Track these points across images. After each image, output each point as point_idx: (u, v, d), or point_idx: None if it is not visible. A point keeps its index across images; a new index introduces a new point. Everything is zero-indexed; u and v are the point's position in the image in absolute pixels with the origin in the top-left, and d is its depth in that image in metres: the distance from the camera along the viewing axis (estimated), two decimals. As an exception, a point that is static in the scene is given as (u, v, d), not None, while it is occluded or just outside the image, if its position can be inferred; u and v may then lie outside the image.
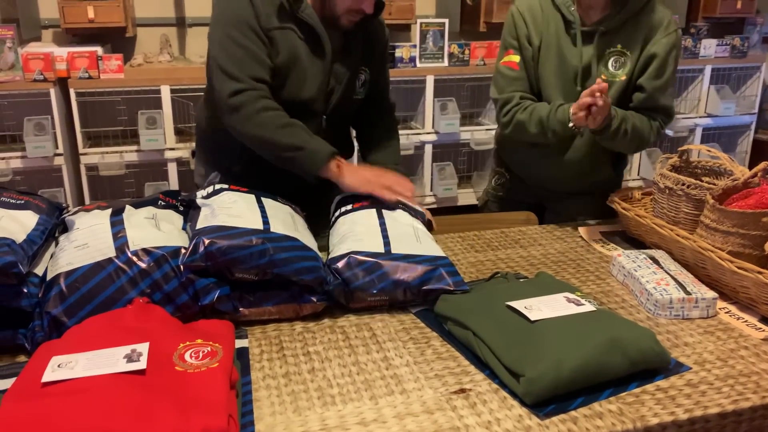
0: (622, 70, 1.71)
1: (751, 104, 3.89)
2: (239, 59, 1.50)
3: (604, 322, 1.14)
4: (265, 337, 1.20)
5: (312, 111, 1.63)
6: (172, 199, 1.45)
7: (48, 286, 1.14)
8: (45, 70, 2.80)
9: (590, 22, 1.70)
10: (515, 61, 1.74)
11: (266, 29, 1.52)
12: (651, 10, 1.69)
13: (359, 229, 1.39)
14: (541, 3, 1.74)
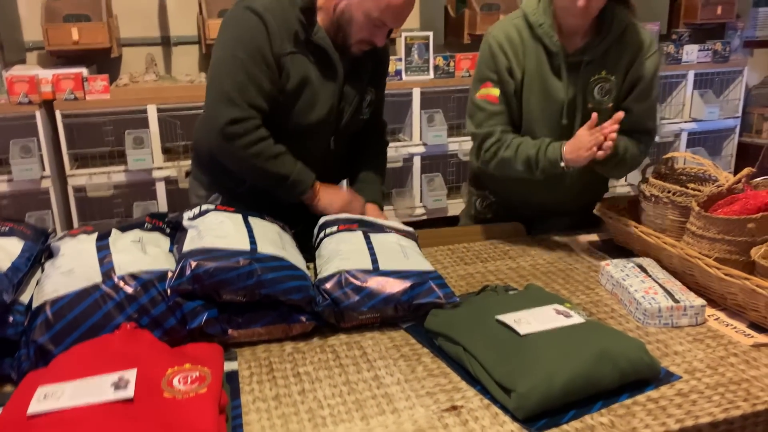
0: (608, 96, 1.66)
1: (735, 108, 3.93)
2: (242, 84, 1.49)
3: (594, 333, 1.14)
4: (255, 358, 1.19)
5: (321, 132, 1.64)
6: (159, 221, 1.44)
7: (34, 314, 1.13)
8: (30, 93, 2.79)
9: (573, 49, 1.62)
10: (494, 95, 1.64)
11: (278, 55, 1.51)
12: (632, 32, 1.64)
13: (346, 248, 1.39)
14: (519, 32, 1.64)
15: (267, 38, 1.49)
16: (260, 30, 1.48)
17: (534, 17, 1.61)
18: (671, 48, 3.65)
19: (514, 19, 1.67)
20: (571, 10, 1.53)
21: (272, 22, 1.49)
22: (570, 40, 1.62)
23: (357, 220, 1.52)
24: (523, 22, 1.64)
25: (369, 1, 1.47)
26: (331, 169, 1.70)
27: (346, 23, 1.52)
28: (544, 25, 1.60)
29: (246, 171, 1.58)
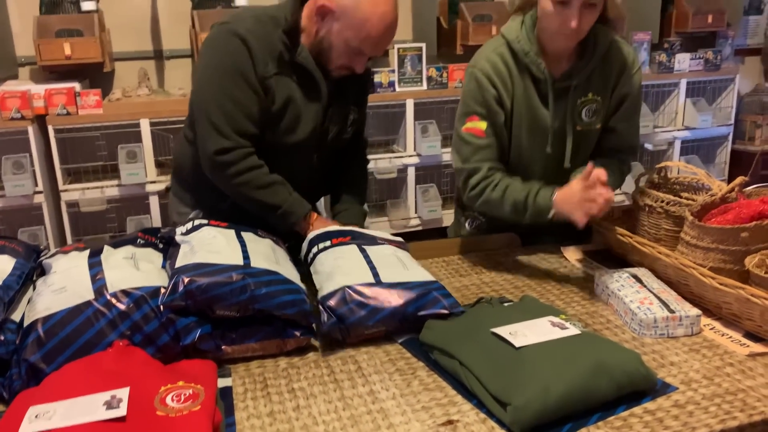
0: (596, 117, 1.65)
1: (728, 115, 3.95)
2: (230, 113, 1.49)
3: (590, 345, 1.14)
4: (249, 374, 1.18)
5: (305, 151, 1.64)
6: (152, 237, 1.43)
7: (25, 333, 1.12)
8: (22, 108, 2.78)
9: (559, 73, 1.59)
10: (481, 128, 1.58)
11: (262, 78, 1.51)
12: (615, 51, 1.62)
13: (344, 263, 1.37)
14: (505, 61, 1.59)
15: (251, 62, 1.49)
16: (244, 54, 1.48)
17: (519, 45, 1.57)
18: (663, 57, 3.67)
19: (498, 47, 1.60)
20: (562, 32, 1.49)
21: (255, 45, 1.49)
22: (556, 64, 1.59)
23: (349, 232, 1.51)
24: (507, 50, 1.59)
25: (349, 30, 1.48)
26: (314, 186, 1.70)
27: (326, 49, 1.53)
28: (530, 53, 1.56)
29: (237, 198, 1.59)
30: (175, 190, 1.80)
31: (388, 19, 1.49)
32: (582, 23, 1.46)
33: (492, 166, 1.59)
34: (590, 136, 1.63)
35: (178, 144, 1.79)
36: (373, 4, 1.46)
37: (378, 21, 1.47)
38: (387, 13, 1.48)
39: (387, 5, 1.48)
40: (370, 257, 1.40)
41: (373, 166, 3.33)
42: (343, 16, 1.47)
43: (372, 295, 1.27)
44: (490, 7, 3.51)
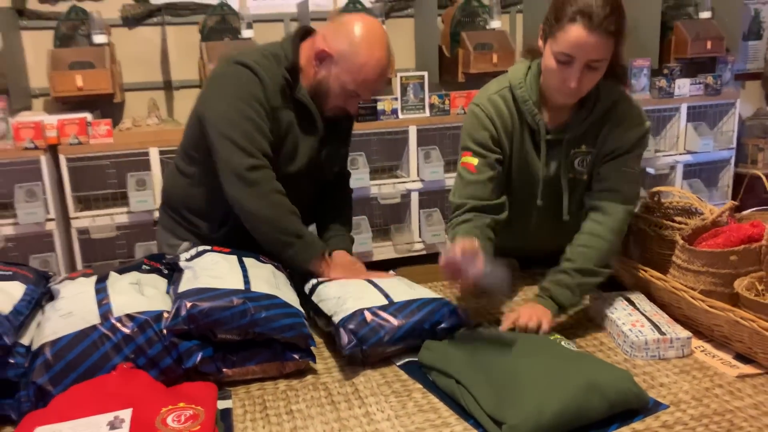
0: (587, 168, 1.61)
1: (729, 139, 3.98)
2: (251, 134, 1.52)
3: (582, 365, 1.17)
4: (249, 396, 1.22)
5: (300, 182, 1.68)
6: (157, 263, 1.48)
7: (34, 356, 1.16)
8: (35, 138, 2.86)
9: (556, 123, 1.57)
10: (473, 164, 1.58)
11: (272, 107, 1.56)
12: (619, 109, 1.56)
13: (353, 289, 1.42)
14: (507, 104, 1.58)
15: (261, 88, 1.55)
16: (254, 81, 1.54)
17: (520, 92, 1.55)
18: (663, 82, 3.72)
19: (502, 89, 1.60)
20: (562, 90, 1.46)
21: (264, 76, 1.55)
22: (555, 114, 1.56)
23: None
24: (509, 94, 1.58)
25: (346, 75, 1.54)
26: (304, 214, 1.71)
27: (323, 92, 1.59)
28: (528, 102, 1.54)
29: (259, 224, 1.54)
30: (164, 222, 1.82)
31: (383, 63, 1.56)
32: (583, 83, 1.43)
33: (475, 206, 1.56)
34: (581, 186, 1.62)
35: (169, 176, 1.82)
36: (370, 49, 1.53)
37: (374, 66, 1.54)
38: (382, 59, 1.55)
39: (381, 50, 1.55)
40: (376, 282, 1.46)
41: (377, 191, 3.38)
42: (341, 60, 1.54)
43: (389, 315, 1.32)
44: (491, 36, 3.58)
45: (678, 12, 3.97)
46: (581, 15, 1.35)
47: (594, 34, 1.35)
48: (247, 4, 3.52)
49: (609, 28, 1.35)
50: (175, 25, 3.40)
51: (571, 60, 1.39)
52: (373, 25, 1.56)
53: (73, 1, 3.25)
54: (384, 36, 1.57)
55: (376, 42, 1.54)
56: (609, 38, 1.37)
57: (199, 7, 3.41)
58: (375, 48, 1.53)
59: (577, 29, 1.36)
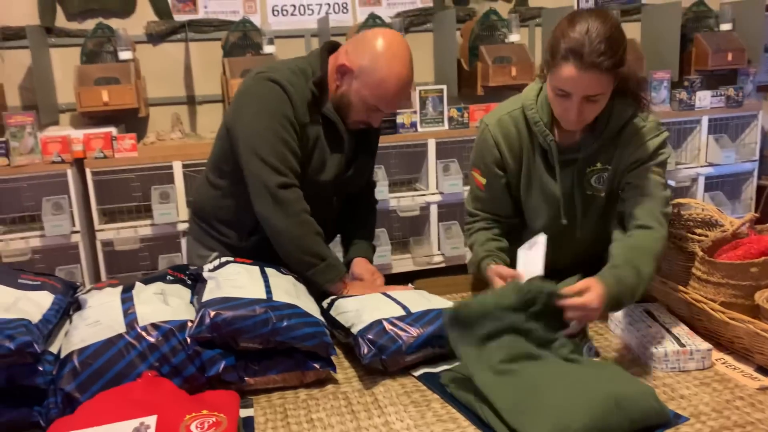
0: (604, 185, 1.58)
1: (752, 151, 3.94)
2: (281, 152, 1.55)
3: (607, 378, 1.17)
4: (270, 405, 1.24)
5: (327, 194, 1.72)
6: (180, 274, 1.51)
7: (62, 364, 1.20)
8: (62, 152, 2.93)
9: (569, 143, 1.55)
10: (481, 182, 1.64)
11: (301, 123, 1.59)
12: (633, 127, 1.53)
13: (370, 302, 1.45)
14: (517, 125, 1.58)
15: (291, 106, 1.57)
16: (284, 99, 1.56)
17: (531, 112, 1.55)
18: (683, 94, 3.71)
19: (513, 109, 1.59)
20: (564, 120, 1.46)
21: (293, 92, 1.57)
22: (567, 134, 1.55)
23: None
24: (521, 115, 1.58)
25: (366, 89, 1.55)
26: (330, 228, 1.77)
27: (345, 105, 1.61)
28: (539, 123, 1.53)
29: (284, 241, 1.58)
30: (195, 234, 1.85)
31: (403, 78, 1.55)
32: (584, 114, 1.42)
33: (485, 218, 1.68)
34: (597, 202, 1.60)
35: (200, 187, 1.85)
36: (389, 65, 1.53)
37: (394, 81, 1.54)
38: (402, 73, 1.55)
39: (402, 66, 1.55)
40: (392, 295, 1.49)
41: (396, 204, 3.40)
42: (361, 75, 1.55)
43: (407, 325, 1.34)
44: (509, 49, 3.60)
45: (698, 24, 3.96)
46: (572, 54, 1.33)
47: (586, 74, 1.33)
48: (269, 20, 3.58)
49: (602, 65, 1.32)
50: (198, 41, 3.47)
51: (567, 94, 1.39)
52: (395, 40, 1.56)
53: (100, 18, 3.34)
54: (406, 51, 1.57)
55: (397, 57, 1.54)
56: (603, 74, 1.34)
57: (222, 24, 3.48)
58: (395, 63, 1.54)
59: (568, 68, 1.34)
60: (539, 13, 3.87)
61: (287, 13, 3.62)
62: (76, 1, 3.32)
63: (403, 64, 1.55)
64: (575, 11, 1.42)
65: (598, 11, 1.38)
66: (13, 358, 1.15)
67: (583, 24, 1.34)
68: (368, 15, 3.55)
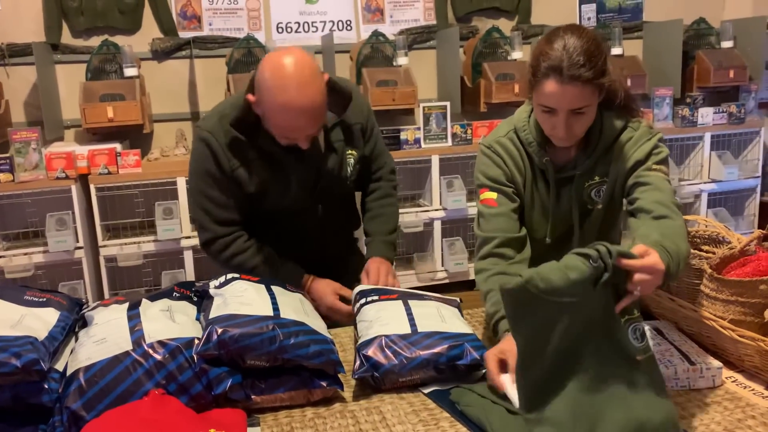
0: (602, 197, 1.58)
1: (755, 168, 3.95)
2: (207, 209, 1.66)
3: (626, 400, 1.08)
4: (277, 424, 1.23)
5: (303, 207, 1.72)
6: (186, 290, 1.51)
7: (68, 381, 1.19)
8: (67, 168, 2.93)
9: (564, 160, 1.56)
10: (492, 198, 1.57)
11: (229, 171, 1.62)
12: (626, 137, 1.53)
13: (385, 315, 1.45)
14: (515, 146, 1.58)
15: (214, 161, 1.61)
16: (206, 155, 1.62)
17: (524, 134, 1.56)
18: (686, 111, 3.72)
19: (508, 132, 1.60)
20: (554, 137, 1.47)
21: (215, 142, 1.60)
22: (562, 152, 1.55)
23: (396, 291, 1.59)
24: (515, 136, 1.59)
25: (267, 119, 1.54)
26: (331, 231, 1.79)
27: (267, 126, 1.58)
28: (533, 144, 1.54)
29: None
30: None
31: (292, 106, 1.46)
32: (573, 129, 1.42)
33: (502, 240, 1.53)
34: (594, 215, 1.60)
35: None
36: (274, 94, 1.46)
37: (280, 110, 1.48)
38: (289, 102, 1.45)
39: (290, 93, 1.45)
40: (412, 310, 1.47)
41: (400, 220, 3.38)
42: (259, 106, 1.53)
43: (406, 345, 1.33)
44: (512, 66, 3.62)
45: (700, 41, 3.99)
46: (552, 70, 1.35)
47: (568, 87, 1.35)
48: (273, 37, 3.61)
49: (583, 76, 1.34)
50: (202, 58, 3.50)
51: (553, 110, 1.40)
52: (282, 64, 1.46)
53: (105, 35, 3.36)
54: (298, 74, 1.45)
55: (285, 84, 1.45)
56: (585, 86, 1.35)
57: (227, 41, 3.51)
58: (280, 91, 1.45)
59: (550, 84, 1.36)
60: (542, 31, 3.90)
61: (291, 30, 3.64)
62: (82, 19, 3.35)
63: (290, 91, 1.45)
64: (552, 30, 1.44)
65: (573, 26, 1.41)
66: (20, 376, 1.15)
67: (560, 41, 1.37)
68: (372, 32, 3.58)
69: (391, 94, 3.34)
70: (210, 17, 3.52)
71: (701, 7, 4.13)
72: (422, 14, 3.80)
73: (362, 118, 1.79)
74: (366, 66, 3.51)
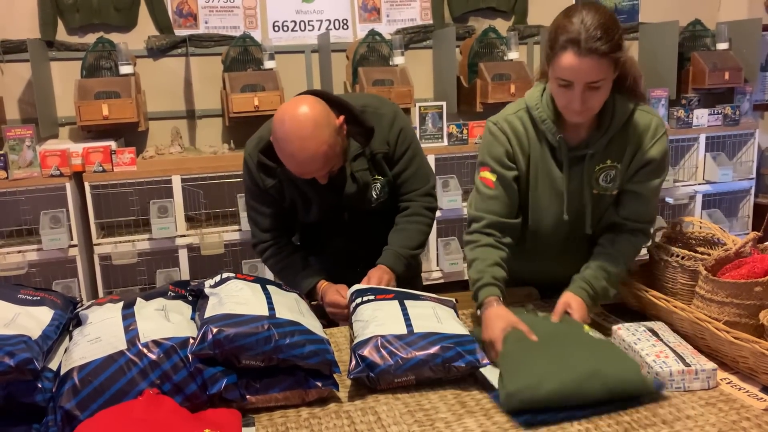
0: (613, 183, 1.63)
1: (749, 169, 3.96)
2: (252, 218, 1.90)
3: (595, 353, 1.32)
4: (272, 424, 1.22)
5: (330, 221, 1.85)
6: (182, 289, 1.50)
7: (61, 381, 1.18)
8: (61, 166, 2.92)
9: (576, 141, 1.59)
10: (491, 179, 1.63)
11: (265, 189, 1.80)
12: (635, 120, 1.59)
13: (381, 315, 1.44)
14: (523, 124, 1.62)
15: (252, 180, 1.82)
16: (248, 174, 1.83)
17: (537, 112, 1.60)
18: (681, 112, 3.73)
19: (519, 111, 1.64)
20: (569, 111, 1.51)
21: (252, 164, 1.79)
22: (574, 132, 1.59)
23: (392, 291, 1.59)
24: (526, 115, 1.62)
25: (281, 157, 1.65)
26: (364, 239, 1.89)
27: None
28: (546, 121, 1.58)
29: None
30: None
31: (295, 158, 1.60)
32: (588, 103, 1.46)
33: (491, 222, 1.61)
34: (606, 200, 1.64)
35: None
36: (280, 147, 1.62)
37: (286, 160, 1.63)
38: (293, 154, 1.59)
39: (293, 145, 1.58)
40: (408, 310, 1.47)
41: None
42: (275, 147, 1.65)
43: (402, 345, 1.33)
44: (508, 66, 3.62)
45: (695, 43, 4.00)
46: (570, 43, 1.41)
47: (585, 59, 1.40)
48: (269, 35, 3.60)
49: (600, 49, 1.39)
50: (198, 56, 3.48)
51: (570, 84, 1.44)
52: (285, 119, 1.58)
53: (101, 32, 3.35)
54: (300, 128, 1.57)
55: (288, 138, 1.58)
56: (602, 59, 1.40)
57: (223, 39, 3.49)
58: (286, 144, 1.59)
59: (568, 57, 1.41)
60: (538, 31, 3.90)
61: (288, 28, 3.64)
62: (77, 16, 3.33)
63: (294, 142, 1.58)
64: (569, 6, 1.49)
65: (590, 3, 1.47)
66: (13, 375, 1.14)
67: (578, 15, 1.42)
68: (368, 31, 3.57)
69: (387, 93, 3.34)
70: (206, 15, 3.51)
71: (697, 8, 4.14)
72: (419, 14, 3.80)
73: (386, 147, 1.80)
74: (362, 65, 3.51)
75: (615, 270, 1.60)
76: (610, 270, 1.59)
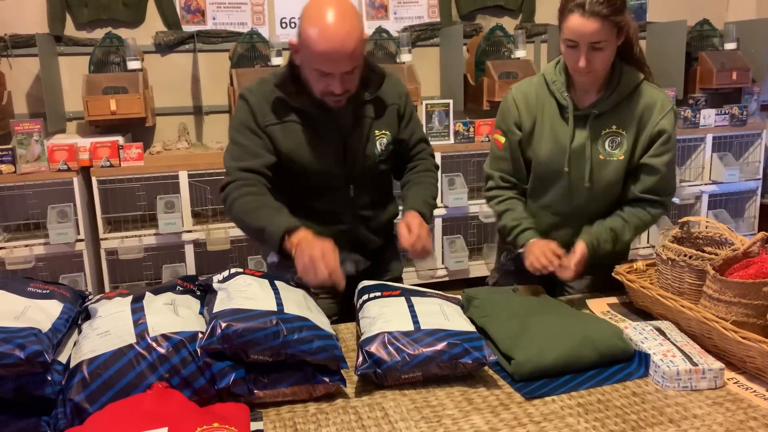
0: (619, 149, 1.76)
1: (756, 170, 3.96)
2: (235, 155, 1.70)
3: (581, 322, 1.48)
4: (280, 419, 1.23)
5: (334, 183, 1.74)
6: (190, 284, 1.50)
7: (71, 374, 1.19)
8: (69, 160, 2.93)
9: (585, 104, 1.76)
10: (501, 141, 1.86)
11: (264, 126, 1.69)
12: (643, 92, 1.75)
13: (388, 311, 1.44)
14: (536, 89, 1.81)
15: (250, 113, 1.69)
16: (245, 109, 1.70)
17: (550, 75, 1.80)
18: (688, 112, 3.72)
19: (535, 78, 1.86)
20: (576, 70, 1.68)
21: (253, 99, 1.69)
22: (583, 96, 1.77)
23: (398, 288, 1.59)
24: (541, 80, 1.82)
25: (305, 55, 1.57)
26: (361, 216, 1.79)
27: (305, 79, 1.64)
28: (557, 82, 1.78)
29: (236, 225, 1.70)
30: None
31: (330, 33, 1.51)
32: (593, 63, 1.64)
33: (503, 177, 1.88)
34: (611, 166, 1.77)
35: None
36: (313, 23, 1.53)
37: (319, 37, 1.52)
38: (329, 27, 1.51)
39: (332, 18, 1.51)
40: (414, 307, 1.47)
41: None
42: (300, 42, 1.58)
43: (409, 342, 1.33)
44: (515, 65, 3.62)
45: (703, 43, 3.99)
46: (576, 6, 1.60)
47: (589, 20, 1.59)
48: (277, 32, 3.60)
49: (601, 12, 1.58)
50: (206, 52, 3.49)
51: (576, 44, 1.63)
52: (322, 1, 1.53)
53: (109, 28, 3.36)
54: (338, 4, 1.52)
55: (325, 12, 1.51)
56: (604, 21, 1.59)
57: (230, 35, 3.50)
58: (322, 17, 1.51)
59: (574, 18, 1.61)
60: (545, 30, 3.90)
61: (295, 25, 3.64)
62: (85, 11, 3.34)
63: (334, 16, 1.51)
64: None
65: None
66: (23, 368, 1.14)
67: None
68: (376, 28, 3.57)
69: (394, 90, 3.33)
70: (214, 11, 3.52)
71: (705, 8, 4.14)
72: (426, 11, 3.80)
73: (399, 99, 1.80)
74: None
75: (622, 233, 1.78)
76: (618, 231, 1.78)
